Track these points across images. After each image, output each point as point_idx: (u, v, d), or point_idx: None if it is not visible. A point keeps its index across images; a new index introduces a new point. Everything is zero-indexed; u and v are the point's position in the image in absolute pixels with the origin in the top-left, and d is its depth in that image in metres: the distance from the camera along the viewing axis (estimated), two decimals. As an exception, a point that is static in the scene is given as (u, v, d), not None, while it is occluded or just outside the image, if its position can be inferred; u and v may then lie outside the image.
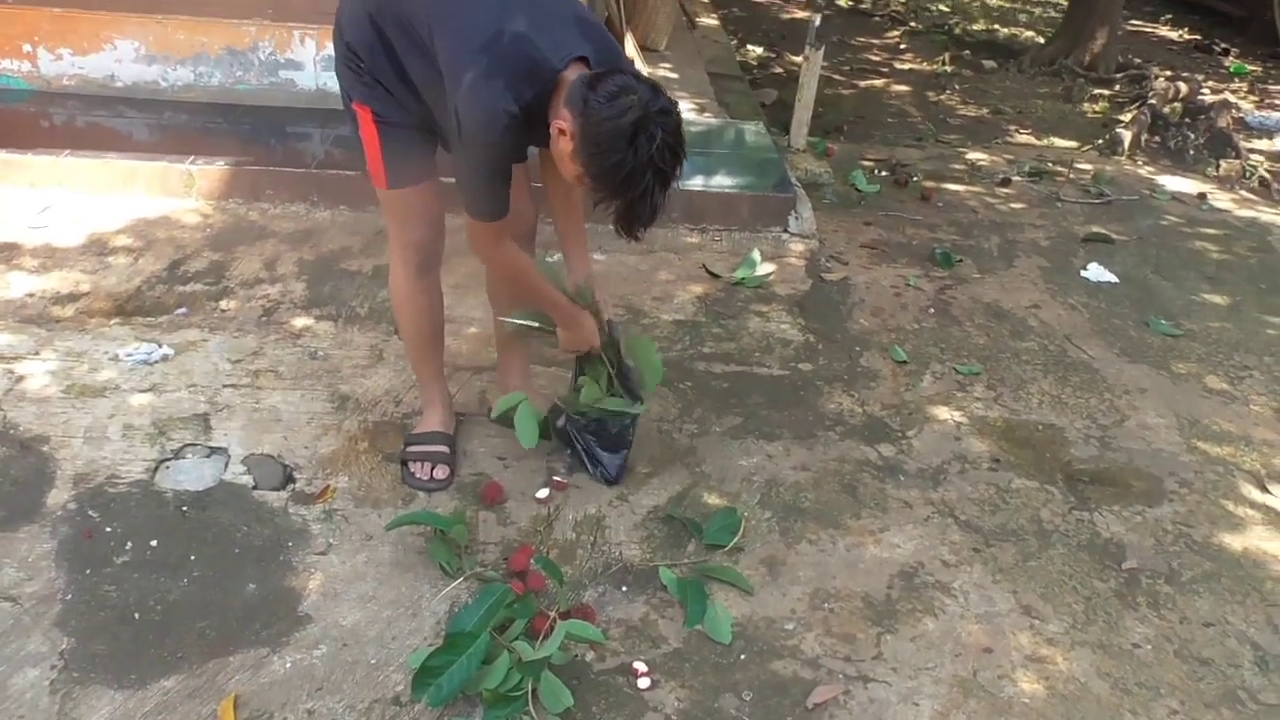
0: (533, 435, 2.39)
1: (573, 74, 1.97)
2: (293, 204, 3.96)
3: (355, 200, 3.91)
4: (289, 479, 2.53)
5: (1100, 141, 5.93)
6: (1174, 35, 9.17)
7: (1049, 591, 2.39)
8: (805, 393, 3.07)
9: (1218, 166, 5.49)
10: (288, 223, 3.86)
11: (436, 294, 2.50)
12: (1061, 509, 2.65)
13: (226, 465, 2.55)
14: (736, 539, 2.42)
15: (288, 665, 2.05)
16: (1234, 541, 2.60)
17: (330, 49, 4.41)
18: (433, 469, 2.53)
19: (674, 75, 5.75)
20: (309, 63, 4.52)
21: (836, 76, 7.31)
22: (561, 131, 1.95)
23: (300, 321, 3.20)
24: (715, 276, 3.72)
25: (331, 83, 4.58)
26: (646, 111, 1.87)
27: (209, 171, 3.94)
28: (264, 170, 3.96)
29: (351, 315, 3.26)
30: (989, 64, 7.82)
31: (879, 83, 7.27)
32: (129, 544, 2.30)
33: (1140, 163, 5.56)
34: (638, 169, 1.89)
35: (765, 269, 3.80)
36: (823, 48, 4.79)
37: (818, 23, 4.74)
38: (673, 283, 3.66)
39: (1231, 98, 6.91)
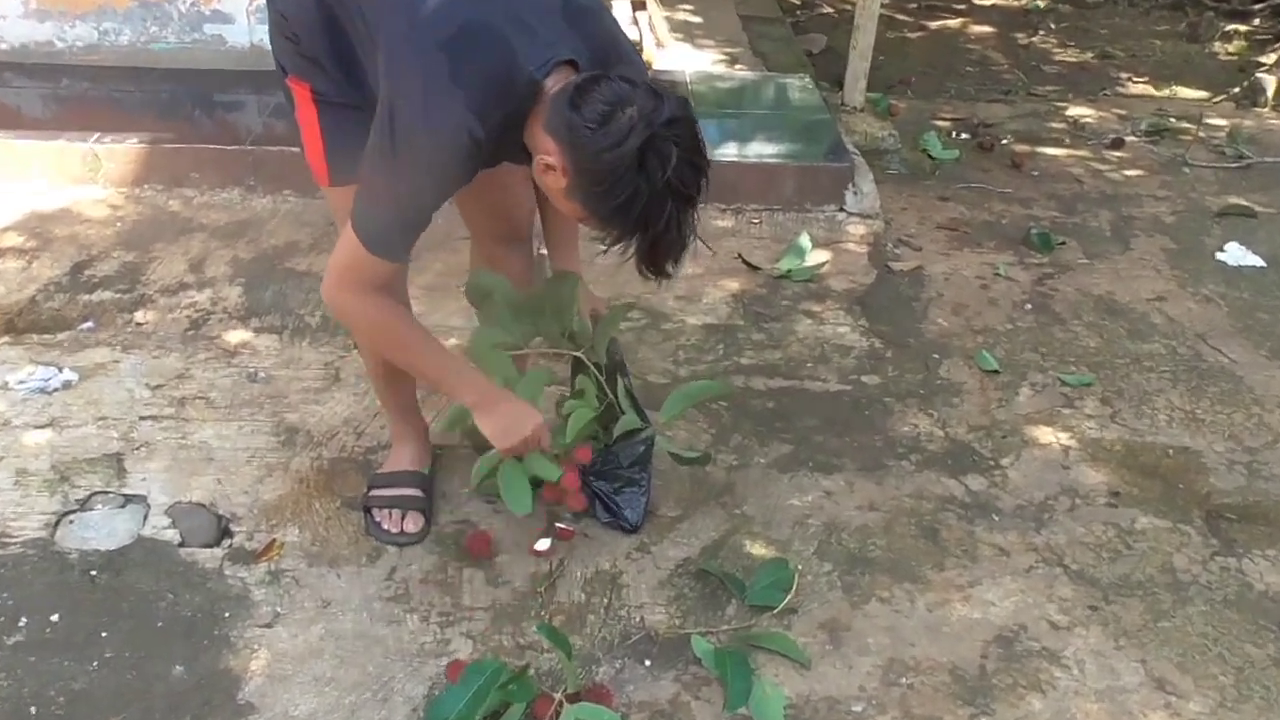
0: (525, 498, 2.35)
1: (556, 84, 1.95)
2: (224, 189, 3.99)
3: (303, 184, 3.94)
4: (224, 533, 2.53)
5: (1236, 90, 5.93)
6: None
7: (1187, 660, 2.36)
8: (871, 412, 3.06)
9: (1387, 118, 5.47)
10: (218, 213, 3.88)
11: (394, 302, 2.49)
12: (1201, 555, 2.63)
13: (146, 517, 2.56)
14: (788, 598, 2.41)
15: (226, 767, 2.04)
16: None
17: (267, -4, 4.51)
18: (403, 518, 2.53)
19: (697, 20, 5.79)
20: (241, 14, 4.58)
21: (901, 16, 7.33)
22: (549, 167, 1.93)
23: (236, 336, 3.21)
24: (754, 269, 3.73)
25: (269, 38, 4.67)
26: (652, 127, 1.84)
27: (118, 152, 3.98)
28: (187, 149, 4.00)
29: (300, 327, 3.27)
30: (1093, -4, 7.82)
31: (954, 23, 7.29)
32: (23, 619, 2.30)
33: (1288, 115, 5.55)
34: (655, 199, 1.87)
35: (817, 258, 3.80)
36: (883, -20, 4.81)
37: (876, -52, 4.76)
38: (701, 278, 3.66)
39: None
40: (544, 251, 2.63)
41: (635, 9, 5.51)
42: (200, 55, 4.60)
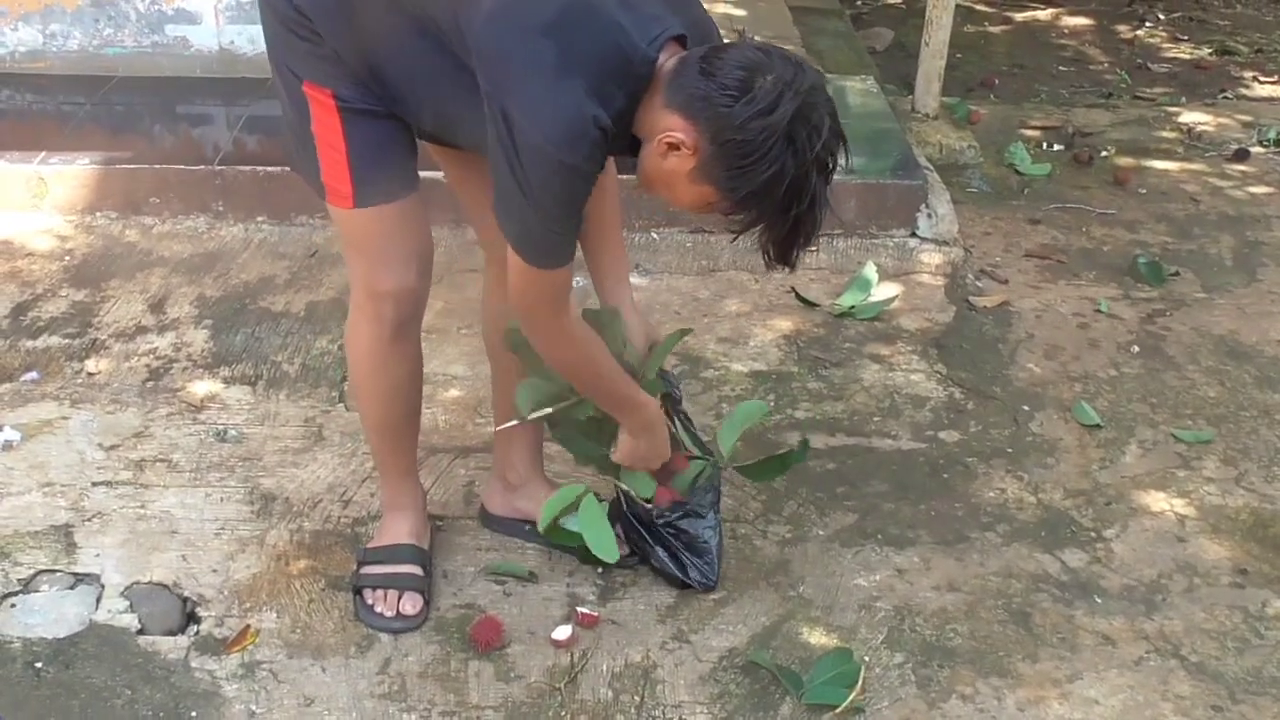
0: (612, 544, 2.44)
1: (669, 60, 2.04)
2: (188, 216, 4.06)
3: (279, 209, 4.02)
4: (190, 618, 2.56)
5: (1383, 91, 5.93)
6: None
7: (1332, 769, 2.36)
8: (950, 475, 3.08)
9: None
10: (181, 244, 3.96)
11: (416, 360, 2.55)
12: (1346, 643, 2.63)
13: (99, 600, 2.59)
14: (853, 696, 2.41)
15: None
16: None
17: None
18: (400, 599, 2.56)
19: (740, 12, 5.86)
20: (208, 13, 4.67)
21: (981, 7, 7.39)
22: (673, 146, 2.01)
23: (202, 387, 3.27)
24: (810, 305, 3.77)
25: (241, 41, 4.80)
26: (800, 95, 1.96)
27: (67, 174, 4.06)
28: (146, 170, 4.08)
29: (276, 377, 3.32)
30: (1210, -20, 7.86)
31: (1045, 14, 7.34)
32: (-41, 718, 2.34)
33: None
34: (802, 173, 1.99)
35: (885, 292, 3.84)
36: (959, -35, 4.86)
37: (950, -71, 4.82)
38: (747, 316, 3.70)
39: None
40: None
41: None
42: (161, 61, 4.69)
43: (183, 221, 4.05)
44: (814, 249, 2.20)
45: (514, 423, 2.56)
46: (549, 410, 2.52)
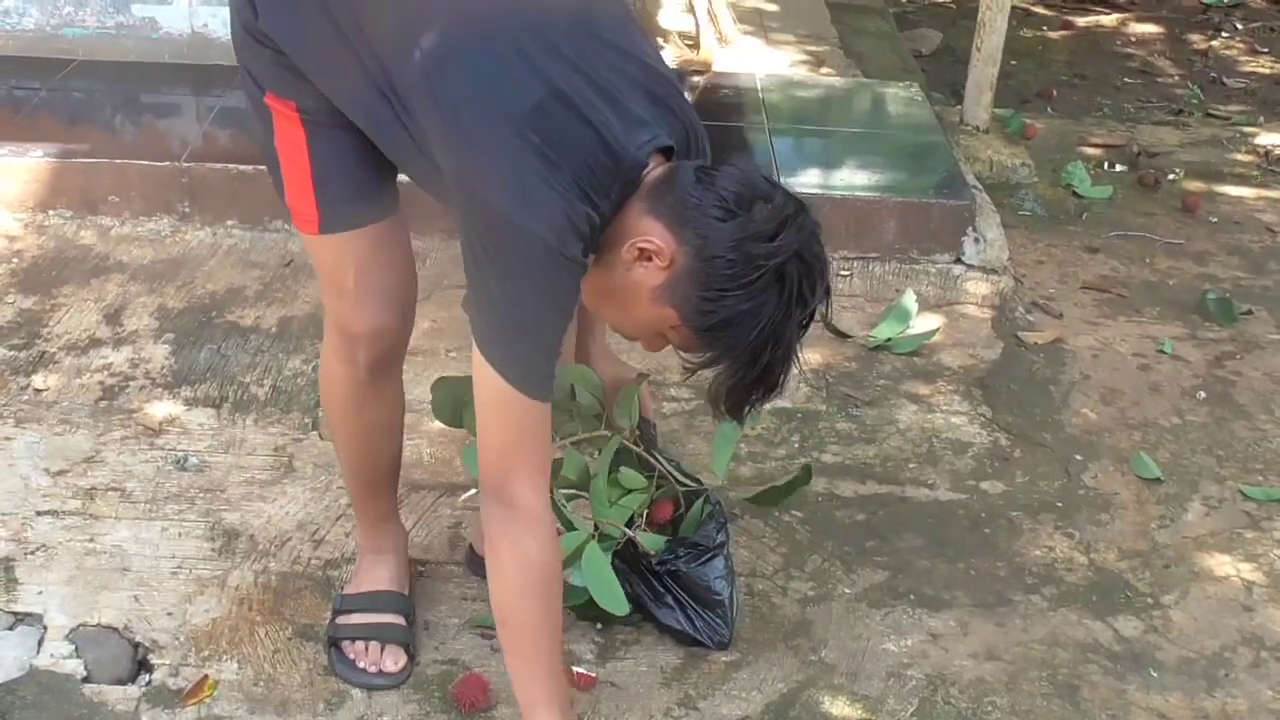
0: (619, 595, 2.45)
1: (656, 170, 2.03)
2: (150, 218, 4.09)
3: (251, 211, 4.05)
4: (141, 666, 2.56)
5: None
6: None
7: None
8: (992, 530, 3.09)
9: None
10: (142, 248, 3.98)
11: (395, 403, 2.55)
12: None
13: (41, 643, 2.59)
14: (880, 774, 2.43)
15: None
16: None
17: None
18: (381, 652, 2.57)
19: (773, 7, 5.90)
20: (180, -7, 4.70)
21: (1040, 10, 7.44)
22: (645, 255, 1.98)
23: (161, 409, 3.29)
24: (843, 336, 3.78)
25: (216, 24, 4.82)
26: (802, 233, 1.95)
27: (17, 167, 4.08)
28: (106, 164, 4.10)
29: (243, 399, 3.34)
30: (1294, -13, 7.90)
31: (1110, 19, 7.39)
32: (-118, 771, 2.35)
33: None
34: (782, 317, 1.96)
35: (925, 324, 3.86)
36: (1016, -38, 4.89)
37: (1008, -78, 4.86)
38: (770, 347, 3.71)
39: None
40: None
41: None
42: (126, 44, 4.72)
43: (144, 223, 4.07)
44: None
45: (474, 491, 2.53)
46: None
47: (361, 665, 2.55)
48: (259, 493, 3.02)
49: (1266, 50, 6.94)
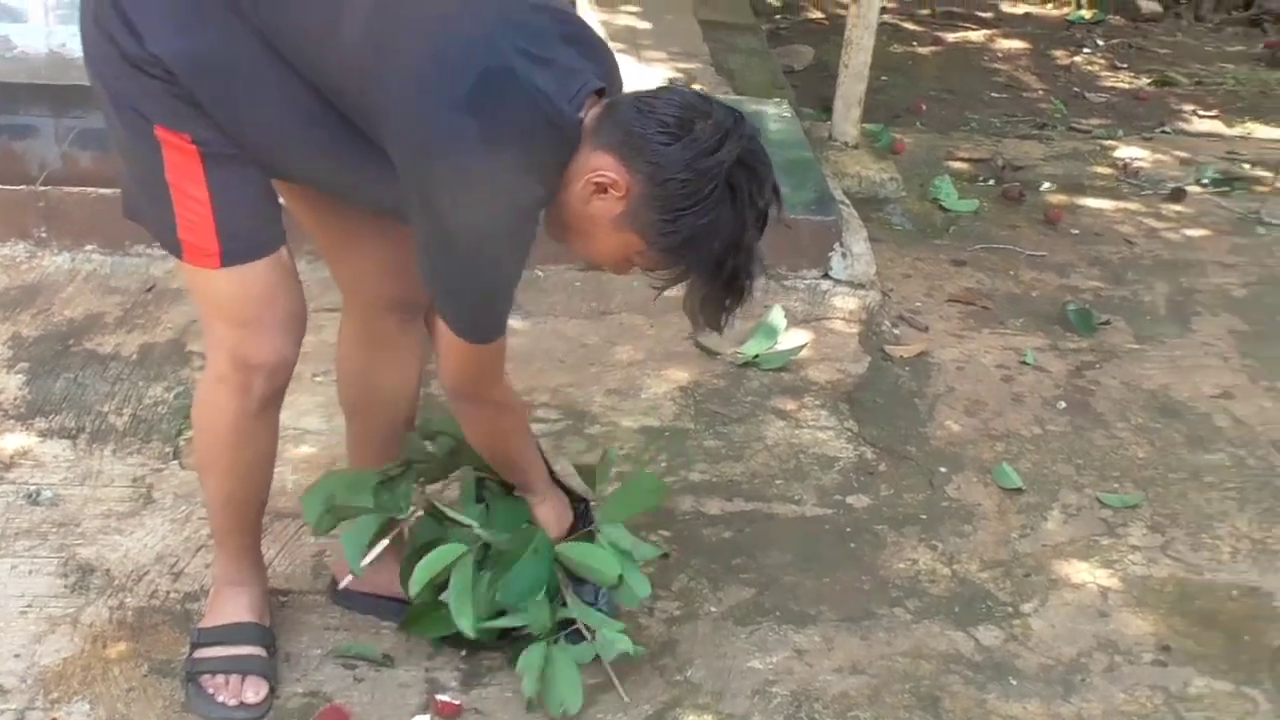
0: (469, 616, 2.48)
1: (594, 111, 2.12)
2: (5, 243, 4.03)
3: (111, 235, 3.99)
4: (-5, 705, 2.52)
5: (1328, 127, 6.13)
6: None
7: None
8: (858, 545, 3.12)
9: None
10: (-5, 274, 3.92)
11: (276, 432, 2.54)
12: (1278, 729, 2.71)
13: (-110, 683, 2.55)
14: (745, 791, 2.44)
15: None
16: None
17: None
18: (242, 684, 2.53)
19: (644, 25, 5.93)
20: (36, 9, 4.62)
21: (909, 26, 7.55)
22: (601, 188, 2.08)
23: (13, 441, 3.23)
24: (711, 354, 3.81)
25: (75, 43, 4.63)
26: (742, 142, 2.06)
27: None
28: (-43, 189, 4.02)
29: (100, 430, 3.29)
30: (1150, 6, 8.12)
31: (977, 36, 7.52)
32: None
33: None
34: (739, 226, 2.08)
35: (792, 340, 3.90)
36: (881, -19, 4.96)
37: (871, -59, 4.92)
38: (640, 365, 3.74)
39: None
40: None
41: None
42: (-22, 64, 4.65)
43: (-1, 249, 4.01)
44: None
45: (350, 578, 2.61)
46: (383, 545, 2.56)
47: (221, 699, 2.51)
48: (116, 525, 2.97)
49: (1125, 65, 7.10)
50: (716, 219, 2.05)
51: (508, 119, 2.03)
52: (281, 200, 2.36)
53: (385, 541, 2.54)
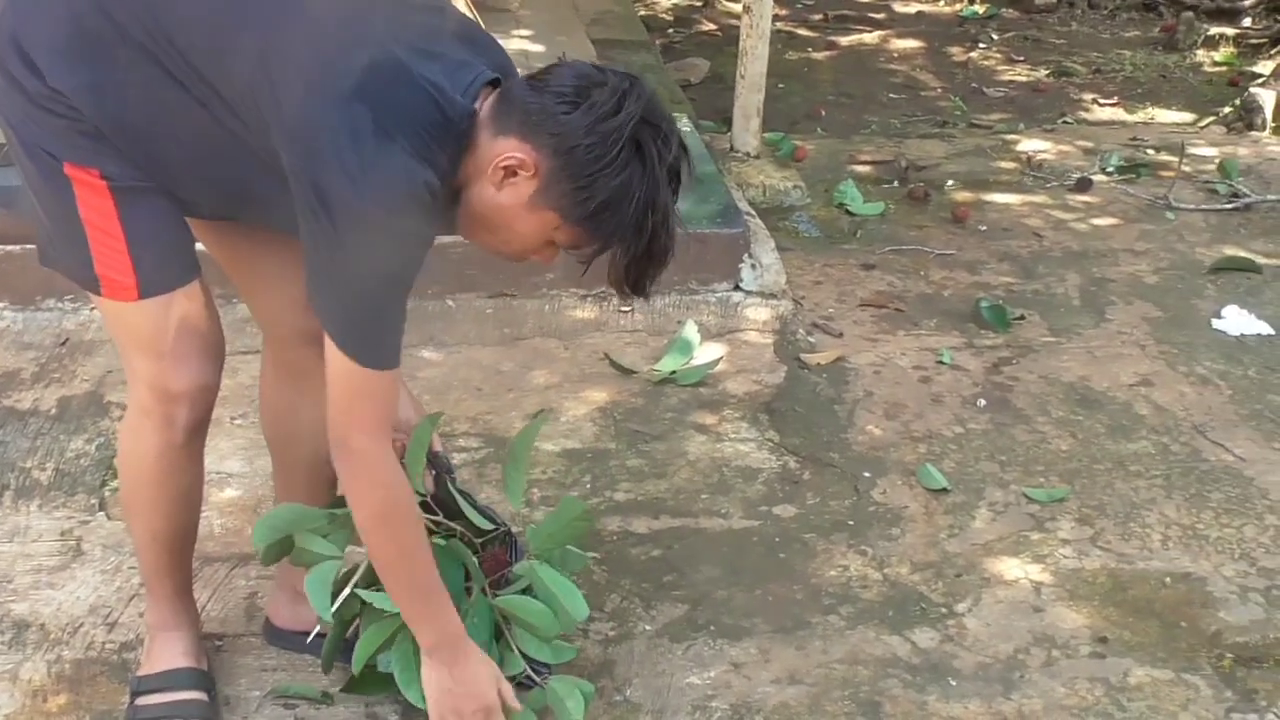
0: (416, 686, 2.43)
1: (487, 103, 2.11)
2: (-89, 302, 3.96)
3: (24, 291, 3.95)
4: (-79, 776, 2.48)
5: (1227, 110, 6.25)
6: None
7: None
8: (787, 555, 3.14)
9: None
10: (-100, 336, 3.85)
11: (201, 465, 2.52)
12: (1214, 712, 2.73)
13: None
14: (691, 810, 2.44)
15: None
16: None
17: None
18: (184, 731, 2.53)
19: (536, 47, 5.92)
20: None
21: (804, 32, 7.61)
22: (510, 171, 2.06)
23: (-69, 503, 3.18)
24: (627, 372, 3.82)
25: None
26: (641, 101, 2.06)
27: None
28: None
29: (25, 485, 3.25)
30: (1043, -2, 8.22)
31: (871, 37, 7.60)
32: None
33: (1292, 139, 5.87)
34: (653, 185, 2.07)
35: (708, 354, 3.91)
36: (775, -11, 4.99)
37: (761, -49, 4.96)
38: (558, 388, 3.74)
39: None
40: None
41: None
42: None
43: (-96, 307, 3.95)
44: (530, 294, 2.28)
45: (318, 629, 2.57)
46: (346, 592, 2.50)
47: (162, 746, 2.50)
48: (47, 579, 2.93)
49: (1022, 59, 7.21)
50: (628, 179, 2.04)
51: (398, 107, 2.03)
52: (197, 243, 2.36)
53: (349, 588, 2.49)
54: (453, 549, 2.56)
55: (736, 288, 4.23)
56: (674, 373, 3.79)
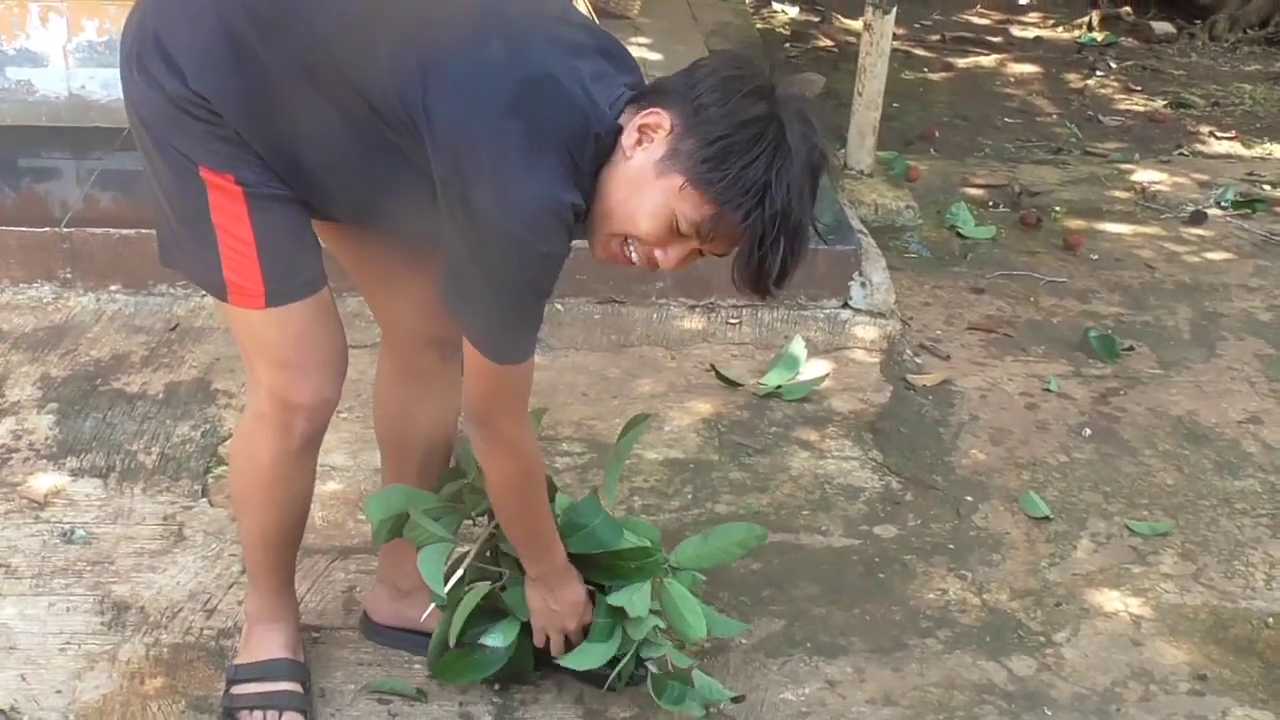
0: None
1: (629, 117, 2.13)
2: (31, 285, 4.05)
3: (135, 275, 4.02)
4: (29, 747, 2.53)
5: (1349, 147, 6.16)
6: None
7: None
8: (886, 575, 3.13)
9: None
10: (23, 316, 3.94)
11: (314, 471, 2.56)
12: (1316, 756, 2.71)
13: (-76, 727, 2.56)
14: (781, 825, 2.44)
15: None
16: None
17: (92, 34, 4.61)
18: None
19: (655, 55, 5.94)
20: (56, 53, 4.67)
21: (920, 52, 7.58)
22: (646, 130, 2.07)
23: (46, 481, 3.25)
24: (733, 385, 3.83)
25: (94, 85, 4.79)
26: (789, 95, 2.09)
27: (-109, 236, 4.01)
28: (-18, 231, 4.06)
29: (130, 468, 3.31)
30: (1163, 28, 8.14)
31: (989, 60, 7.54)
32: None
33: None
34: (791, 166, 2.04)
35: (814, 370, 3.91)
36: (895, 7, 4.98)
37: (884, -30, 4.95)
38: (663, 397, 3.76)
39: None
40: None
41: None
42: (1, 108, 4.67)
43: (25, 290, 4.04)
44: (639, 302, 2.29)
45: (432, 607, 2.62)
46: (459, 573, 2.56)
47: (257, 734, 2.54)
48: (149, 563, 2.99)
49: (1139, 88, 7.12)
50: (759, 155, 2.02)
51: (550, 123, 2.05)
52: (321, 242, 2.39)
53: (463, 569, 2.56)
54: None
55: (845, 305, 4.22)
56: (779, 387, 3.80)
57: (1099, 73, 7.35)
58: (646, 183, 2.08)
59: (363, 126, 2.14)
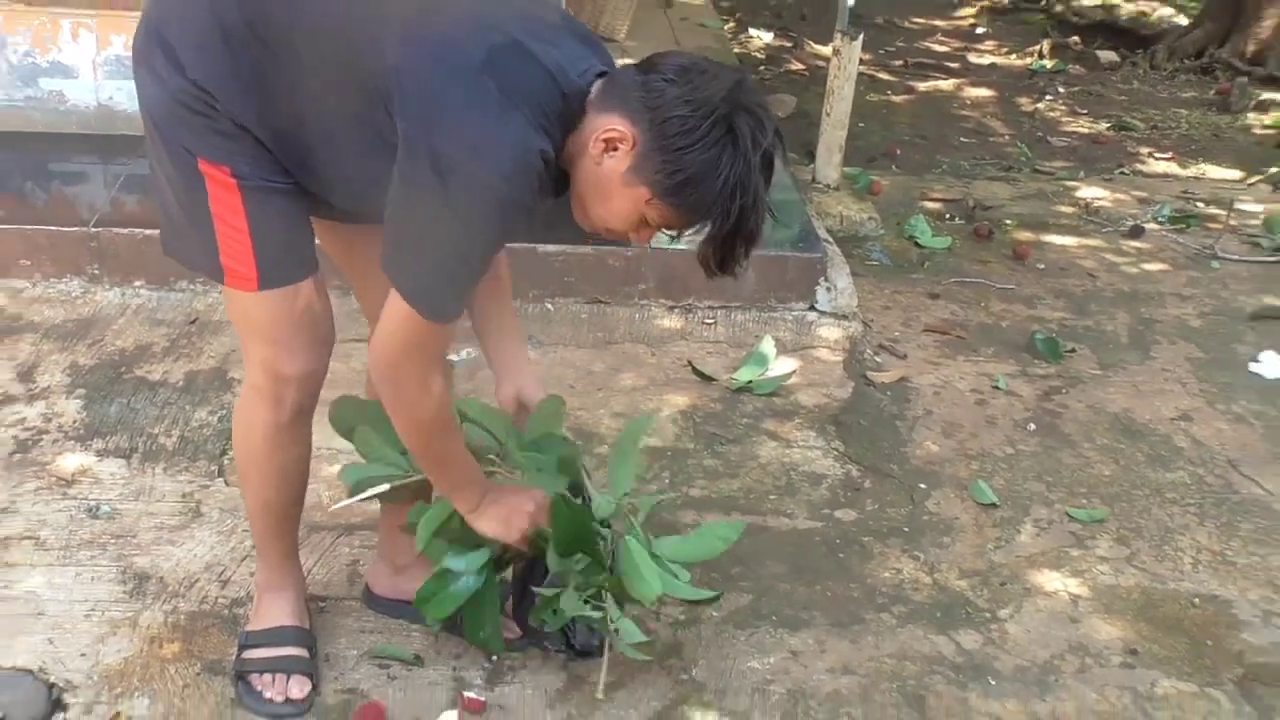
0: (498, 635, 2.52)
1: (597, 88, 2.15)
2: (62, 280, 4.06)
3: (157, 272, 4.03)
4: (56, 705, 2.53)
5: (1274, 170, 6.20)
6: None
7: None
8: (846, 555, 3.16)
9: None
10: (54, 309, 3.95)
11: (309, 442, 2.57)
12: (1236, 725, 2.74)
13: (-42, 685, 2.56)
14: (746, 782, 2.45)
15: None
16: None
17: (119, 48, 4.61)
18: (287, 682, 2.57)
19: (638, 77, 5.96)
20: (85, 66, 4.67)
21: (884, 76, 7.61)
22: (610, 144, 2.08)
23: (73, 460, 3.26)
24: (707, 379, 3.85)
25: (121, 96, 4.80)
26: (740, 89, 2.06)
27: (-69, 233, 4.01)
28: (16, 230, 4.06)
29: (152, 450, 3.32)
30: (1108, 56, 8.21)
31: (947, 84, 7.58)
32: None
33: (1337, 199, 5.80)
34: (745, 164, 2.05)
35: (782, 367, 3.94)
36: (861, 34, 5.01)
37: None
38: (643, 390, 3.78)
39: None
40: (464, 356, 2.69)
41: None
42: (34, 116, 4.68)
43: (55, 285, 4.04)
44: (623, 302, 2.25)
45: (347, 501, 2.60)
46: (383, 488, 2.55)
47: (269, 695, 2.55)
48: (168, 537, 3.01)
49: (1085, 112, 7.17)
50: (718, 157, 2.03)
51: (520, 81, 2.06)
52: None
53: (389, 485, 2.54)
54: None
55: (812, 308, 4.25)
56: (750, 382, 3.82)
57: (1048, 97, 7.40)
58: (615, 190, 2.11)
59: (352, 112, 2.14)
